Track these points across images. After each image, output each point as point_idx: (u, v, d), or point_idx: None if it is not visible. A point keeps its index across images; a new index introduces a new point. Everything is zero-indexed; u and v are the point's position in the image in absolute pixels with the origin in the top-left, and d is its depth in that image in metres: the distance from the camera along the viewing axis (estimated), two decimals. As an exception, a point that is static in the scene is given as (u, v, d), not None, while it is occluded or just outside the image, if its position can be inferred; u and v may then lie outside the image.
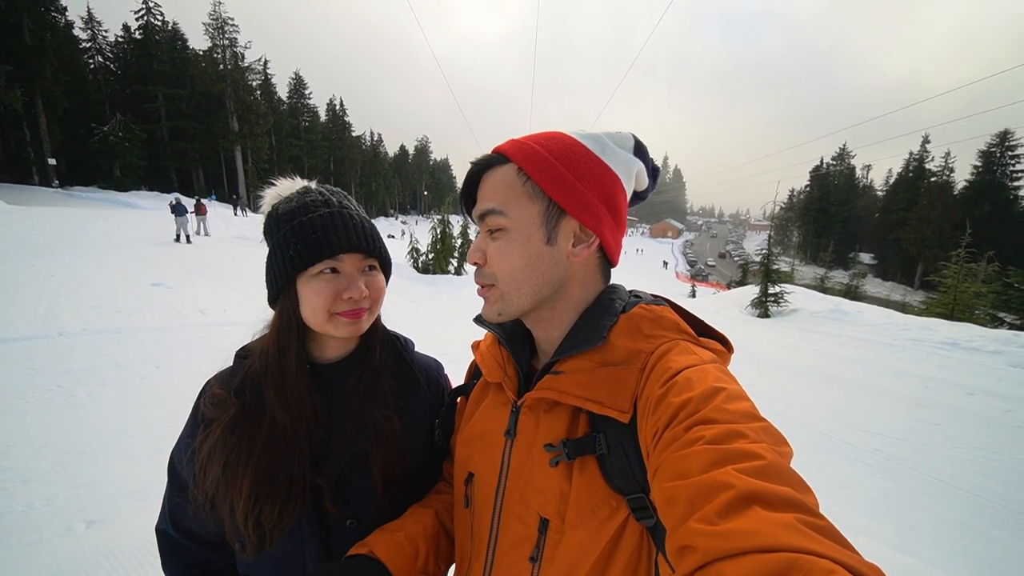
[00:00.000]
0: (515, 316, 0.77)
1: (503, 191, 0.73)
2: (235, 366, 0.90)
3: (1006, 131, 47.10)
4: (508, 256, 0.73)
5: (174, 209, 14.43)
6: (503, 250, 0.73)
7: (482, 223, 0.75)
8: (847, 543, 0.40)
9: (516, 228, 0.73)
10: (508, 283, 0.74)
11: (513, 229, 0.73)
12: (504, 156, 0.75)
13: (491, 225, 0.74)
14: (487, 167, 0.76)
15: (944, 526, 3.24)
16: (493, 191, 0.74)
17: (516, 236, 0.73)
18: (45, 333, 5.53)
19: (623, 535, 0.65)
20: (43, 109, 30.55)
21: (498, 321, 0.78)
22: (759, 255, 16.25)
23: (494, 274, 0.75)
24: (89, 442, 3.48)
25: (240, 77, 42.32)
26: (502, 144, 0.77)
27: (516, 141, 0.76)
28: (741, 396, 0.58)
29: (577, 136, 0.75)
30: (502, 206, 0.72)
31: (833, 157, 70.33)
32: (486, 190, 0.75)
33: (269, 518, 0.78)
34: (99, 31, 41.01)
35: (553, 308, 0.77)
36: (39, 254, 9.35)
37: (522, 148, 0.74)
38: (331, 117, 68.44)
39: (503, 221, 0.73)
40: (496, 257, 0.74)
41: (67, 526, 2.62)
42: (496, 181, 0.74)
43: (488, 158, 0.77)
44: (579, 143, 0.74)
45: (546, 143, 0.74)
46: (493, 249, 0.74)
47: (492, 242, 0.75)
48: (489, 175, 0.75)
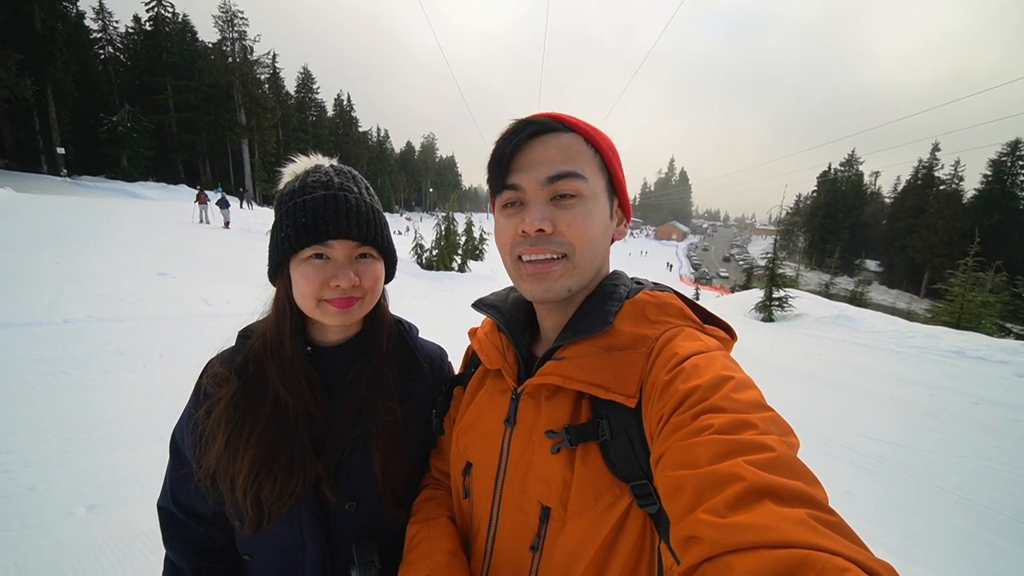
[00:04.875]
0: (580, 292, 0.74)
1: (578, 157, 0.70)
2: (237, 346, 0.90)
3: (1017, 140, 46.73)
4: (590, 224, 0.70)
5: (219, 202, 18.02)
6: (584, 216, 0.70)
7: (545, 187, 0.69)
8: (859, 540, 0.39)
9: (594, 196, 0.71)
10: (585, 253, 0.71)
11: (591, 197, 0.70)
12: (564, 124, 0.72)
13: (567, 189, 0.69)
14: (547, 130, 0.71)
15: (949, 535, 3.20)
16: (566, 155, 0.70)
17: (595, 204, 0.71)
18: (50, 320, 5.54)
19: (626, 523, 0.64)
20: (53, 98, 30.73)
21: (561, 297, 0.73)
22: (764, 259, 16.19)
23: (571, 243, 0.70)
24: (91, 428, 3.48)
25: (249, 70, 42.49)
26: (558, 113, 0.73)
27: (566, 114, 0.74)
28: (749, 385, 0.57)
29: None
30: (582, 170, 0.69)
31: (841, 163, 69.95)
32: (553, 153, 0.70)
33: (268, 495, 0.77)
34: (110, 22, 41.32)
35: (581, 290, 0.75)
36: (46, 242, 9.38)
37: (581, 122, 0.73)
38: (338, 112, 68.64)
39: (583, 187, 0.69)
40: (576, 224, 0.69)
41: (68, 510, 2.62)
42: (566, 146, 0.70)
43: (546, 121, 0.72)
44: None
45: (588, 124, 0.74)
46: (569, 216, 0.69)
47: (562, 210, 0.70)
48: (551, 139, 0.71)
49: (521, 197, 0.72)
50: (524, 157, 0.71)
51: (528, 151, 0.70)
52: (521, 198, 0.72)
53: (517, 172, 0.71)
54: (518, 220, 0.71)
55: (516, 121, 0.73)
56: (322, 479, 0.81)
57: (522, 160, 0.71)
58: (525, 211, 0.71)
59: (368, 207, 0.85)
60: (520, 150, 0.71)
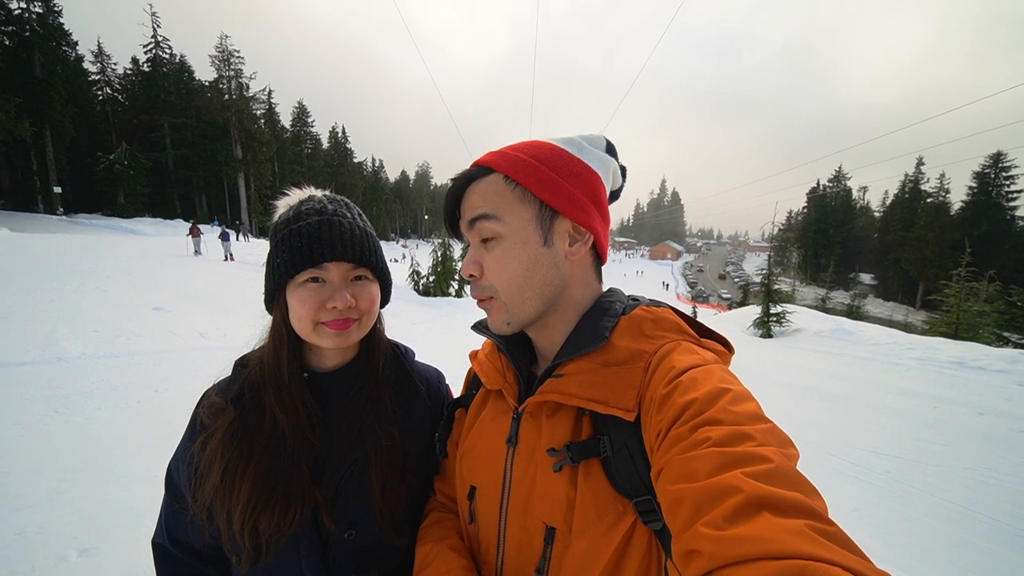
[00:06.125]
0: (524, 325, 0.76)
1: (492, 198, 0.72)
2: (233, 375, 0.90)
3: (999, 152, 47.77)
4: (507, 264, 0.71)
5: (221, 235, 18.26)
6: (500, 258, 0.72)
7: (472, 231, 0.74)
8: (858, 550, 0.39)
9: (511, 233, 0.71)
10: (510, 292, 0.72)
11: (508, 235, 0.71)
12: (487, 167, 0.74)
13: (484, 233, 0.72)
14: (470, 180, 0.75)
15: (961, 550, 3.14)
16: (482, 199, 0.72)
17: (512, 241, 0.71)
18: (44, 358, 5.49)
19: (631, 540, 0.63)
20: (51, 139, 31.18)
21: (507, 332, 0.76)
22: (759, 276, 16.29)
23: (493, 285, 0.73)
24: (83, 468, 3.41)
25: (245, 106, 43.36)
26: (482, 156, 0.76)
27: (497, 152, 0.76)
28: (747, 397, 0.57)
29: (555, 141, 0.76)
30: (494, 211, 0.71)
31: (829, 179, 71.20)
32: (473, 199, 0.73)
33: (267, 528, 0.76)
34: (108, 64, 42.32)
35: (556, 312, 0.76)
36: (41, 280, 9.36)
37: (505, 157, 0.74)
38: (333, 144, 69.80)
39: (496, 227, 0.71)
40: (494, 266, 0.72)
41: (60, 555, 2.54)
42: (483, 190, 0.73)
43: (469, 171, 0.76)
44: (558, 147, 0.75)
45: (528, 149, 0.74)
46: (490, 259, 0.72)
47: (487, 252, 0.73)
48: (473, 187, 0.74)
49: (468, 242, 0.78)
50: (462, 206, 0.77)
51: (463, 200, 0.76)
52: (468, 243, 0.78)
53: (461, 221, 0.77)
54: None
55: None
56: (320, 507, 0.80)
57: (461, 210, 0.77)
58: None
59: (361, 231, 0.86)
60: (458, 204, 0.77)
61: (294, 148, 59.24)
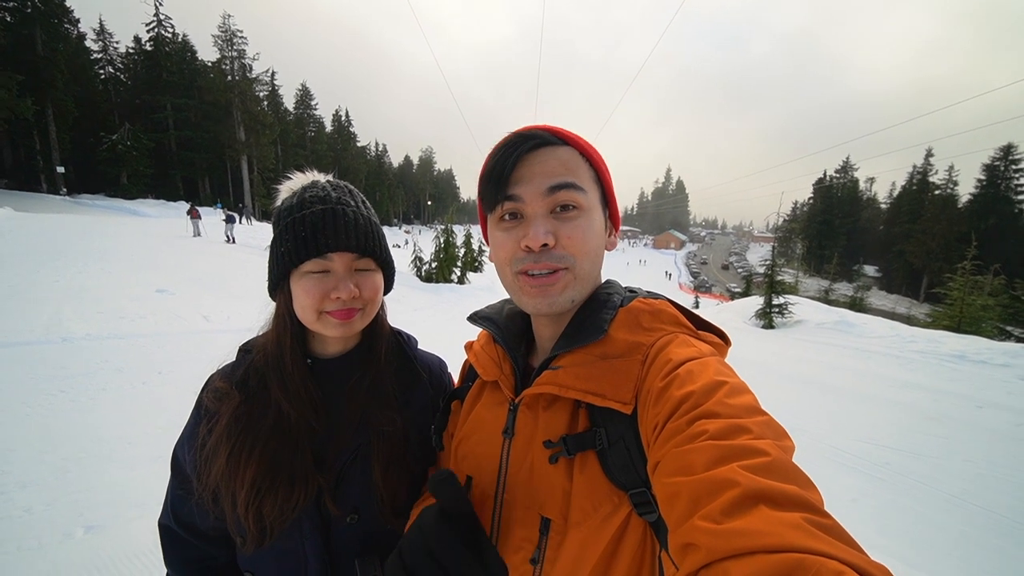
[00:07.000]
0: (581, 302, 0.75)
1: (576, 169, 0.71)
2: (238, 360, 0.90)
3: (1010, 145, 47.15)
4: (590, 235, 0.71)
5: (227, 219, 18.96)
6: (585, 228, 0.70)
7: (547, 198, 0.69)
8: (855, 543, 0.39)
9: (591, 208, 0.72)
10: (585, 265, 0.72)
11: (588, 209, 0.71)
12: (560, 138, 0.73)
13: (568, 200, 0.69)
14: (544, 144, 0.71)
15: (959, 542, 3.17)
16: (565, 167, 0.70)
17: (593, 216, 0.72)
18: (49, 338, 5.53)
19: (626, 532, 0.63)
20: (53, 118, 31.02)
21: (566, 309, 0.73)
22: (763, 266, 16.24)
23: (572, 255, 0.70)
24: (89, 448, 3.45)
25: (248, 88, 42.96)
26: (552, 126, 0.74)
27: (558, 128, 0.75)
28: (743, 390, 0.57)
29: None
30: (581, 183, 0.71)
31: (836, 169, 70.52)
32: (553, 165, 0.70)
33: (271, 511, 0.77)
34: (110, 43, 41.85)
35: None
36: (45, 260, 9.39)
37: (576, 136, 0.74)
38: (336, 128, 69.31)
39: (582, 199, 0.70)
40: (577, 236, 0.70)
41: (66, 532, 2.59)
42: (565, 160, 0.71)
43: (546, 135, 0.72)
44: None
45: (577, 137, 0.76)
46: (570, 228, 0.70)
47: (564, 223, 0.70)
48: (549, 152, 0.71)
49: (521, 209, 0.70)
50: (523, 169, 0.70)
51: (527, 163, 0.70)
52: (521, 210, 0.71)
53: (516, 184, 0.70)
54: (518, 234, 0.70)
55: (513, 134, 0.73)
56: (324, 491, 0.81)
57: (521, 172, 0.70)
58: (526, 225, 0.70)
59: (365, 220, 0.86)
60: (520, 163, 0.71)
61: (297, 131, 58.90)
